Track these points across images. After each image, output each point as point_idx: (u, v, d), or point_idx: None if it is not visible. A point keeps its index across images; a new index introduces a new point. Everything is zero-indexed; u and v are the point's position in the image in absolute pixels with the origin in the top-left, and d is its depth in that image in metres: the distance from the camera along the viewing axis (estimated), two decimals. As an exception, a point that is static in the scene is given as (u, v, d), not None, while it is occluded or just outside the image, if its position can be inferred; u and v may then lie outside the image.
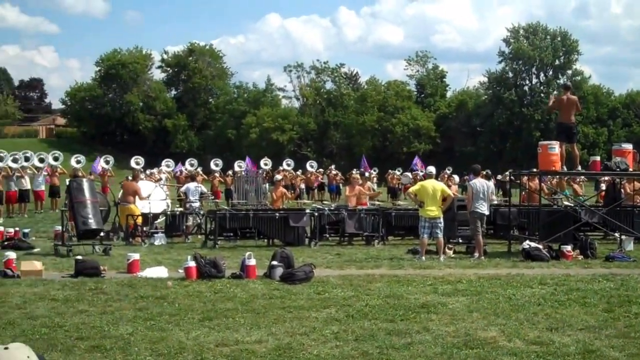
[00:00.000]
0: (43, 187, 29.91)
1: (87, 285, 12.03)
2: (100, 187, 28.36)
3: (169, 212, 21.14)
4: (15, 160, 28.16)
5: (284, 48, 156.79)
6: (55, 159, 30.68)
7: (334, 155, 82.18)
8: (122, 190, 21.11)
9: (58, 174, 30.27)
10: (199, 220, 21.13)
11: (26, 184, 28.49)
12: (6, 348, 3.19)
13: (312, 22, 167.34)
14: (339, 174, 41.24)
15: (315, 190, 39.01)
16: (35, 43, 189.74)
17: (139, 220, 19.87)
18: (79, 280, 12.70)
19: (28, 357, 3.20)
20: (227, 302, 10.69)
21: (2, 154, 27.27)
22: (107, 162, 31.51)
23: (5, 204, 27.36)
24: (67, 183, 18.15)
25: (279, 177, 24.43)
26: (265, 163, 38.63)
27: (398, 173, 40.74)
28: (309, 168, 40.66)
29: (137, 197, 20.26)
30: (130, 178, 22.11)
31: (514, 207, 19.80)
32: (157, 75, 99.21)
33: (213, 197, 26.63)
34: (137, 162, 30.82)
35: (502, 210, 19.98)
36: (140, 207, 20.31)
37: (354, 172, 35.28)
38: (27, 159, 29.45)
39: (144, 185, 21.71)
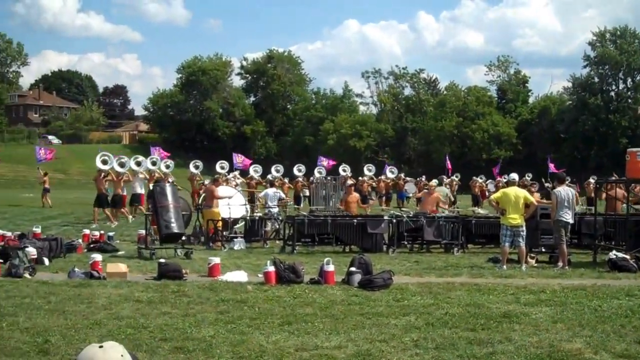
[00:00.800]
0: (143, 191, 30.46)
1: (170, 288, 12.22)
2: (190, 191, 28.84)
3: (248, 217, 21.30)
4: (121, 165, 28.73)
5: (362, 54, 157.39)
6: (153, 163, 31.15)
7: (411, 162, 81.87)
8: (204, 195, 21.37)
9: (155, 178, 30.78)
10: (277, 226, 21.26)
11: (139, 188, 29.02)
12: (101, 347, 3.25)
13: (390, 27, 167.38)
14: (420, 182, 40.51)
15: (384, 198, 37.93)
16: (119, 51, 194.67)
17: (220, 224, 20.08)
18: (162, 282, 12.90)
19: (122, 355, 3.26)
20: (306, 307, 10.72)
21: (123, 160, 27.95)
22: (196, 167, 31.85)
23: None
24: (151, 187, 18.48)
25: (350, 182, 24.35)
26: (344, 169, 38.38)
27: (480, 180, 40.12)
28: (389, 174, 40.15)
29: (218, 200, 20.42)
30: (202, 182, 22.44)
31: (600, 216, 19.34)
32: (237, 81, 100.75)
33: (292, 202, 26.78)
34: (221, 166, 31.10)
35: (587, 219, 19.52)
36: (221, 212, 20.50)
37: (422, 178, 34.86)
38: (138, 164, 30.00)
39: (224, 190, 21.85)
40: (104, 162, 26.91)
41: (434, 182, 23.12)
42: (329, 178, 35.86)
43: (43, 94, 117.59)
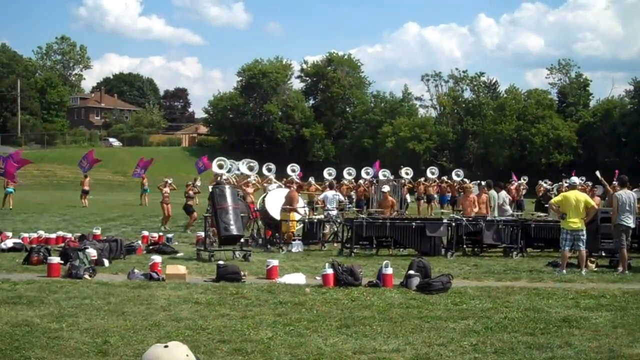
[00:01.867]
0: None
1: (229, 290, 12.31)
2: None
3: (306, 220, 21.36)
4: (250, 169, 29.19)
5: (422, 57, 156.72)
6: (250, 168, 31.08)
7: (471, 165, 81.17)
8: (287, 199, 21.37)
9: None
10: (335, 228, 21.29)
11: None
12: (166, 346, 3.31)
13: (450, 30, 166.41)
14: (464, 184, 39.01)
15: (422, 201, 36.21)
16: (180, 54, 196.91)
17: (293, 227, 20.11)
18: (221, 284, 13.00)
19: (187, 355, 3.32)
20: (364, 310, 10.73)
21: (252, 164, 28.44)
22: (269, 170, 31.61)
23: None
24: (210, 189, 18.63)
25: (387, 188, 24.18)
26: (407, 172, 37.51)
27: (545, 185, 39.21)
28: (455, 177, 38.93)
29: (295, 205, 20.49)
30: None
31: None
32: (296, 84, 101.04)
33: (350, 205, 26.69)
34: (292, 169, 30.96)
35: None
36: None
37: (468, 181, 34.02)
38: (251, 169, 30.20)
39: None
40: (220, 167, 27.50)
41: (470, 184, 22.82)
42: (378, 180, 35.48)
43: (104, 97, 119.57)
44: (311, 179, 30.96)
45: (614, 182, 20.61)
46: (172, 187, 27.00)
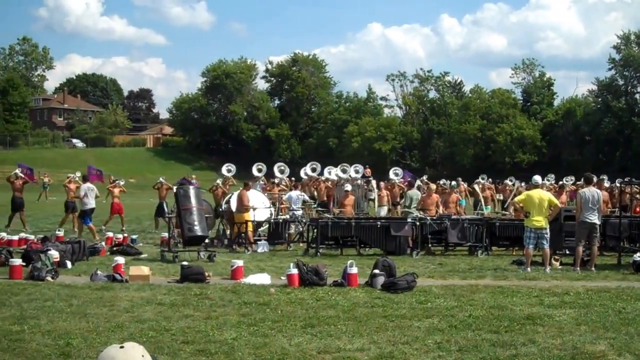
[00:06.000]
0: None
1: (193, 291, 12.23)
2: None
3: (272, 220, 21.28)
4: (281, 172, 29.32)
5: (385, 57, 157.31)
6: (281, 171, 30.74)
7: (436, 164, 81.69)
8: (227, 198, 21.32)
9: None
10: (301, 228, 21.25)
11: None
12: (122, 347, 3.27)
13: (413, 30, 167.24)
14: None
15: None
16: (143, 54, 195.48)
17: (249, 226, 19.99)
18: (185, 285, 12.93)
19: (143, 356, 3.28)
20: (328, 310, 10.69)
21: (282, 167, 28.45)
22: (228, 171, 31.24)
23: None
24: (174, 190, 18.49)
25: (349, 187, 24.18)
26: (396, 173, 36.46)
27: (510, 183, 39.04)
28: (392, 176, 37.79)
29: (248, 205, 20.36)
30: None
31: (625, 219, 19.17)
32: (261, 85, 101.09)
33: (316, 204, 26.66)
34: (258, 168, 30.67)
35: (612, 221, 19.29)
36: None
37: (424, 178, 33.93)
38: (281, 172, 30.01)
39: (254, 196, 21.64)
40: (259, 171, 27.78)
41: (433, 185, 23.05)
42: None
43: (67, 98, 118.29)
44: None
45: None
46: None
